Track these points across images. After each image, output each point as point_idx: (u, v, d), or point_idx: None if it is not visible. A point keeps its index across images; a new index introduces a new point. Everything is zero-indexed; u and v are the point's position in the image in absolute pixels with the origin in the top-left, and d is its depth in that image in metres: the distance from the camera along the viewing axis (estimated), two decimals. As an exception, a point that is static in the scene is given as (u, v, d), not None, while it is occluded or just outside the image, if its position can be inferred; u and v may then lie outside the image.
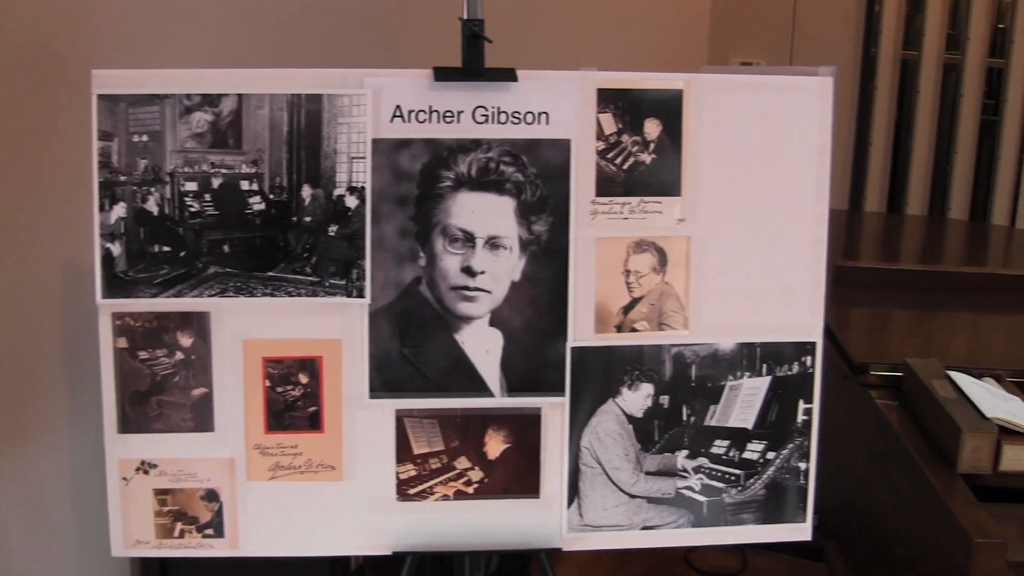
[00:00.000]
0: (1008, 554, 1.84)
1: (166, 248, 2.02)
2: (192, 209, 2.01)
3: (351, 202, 2.02)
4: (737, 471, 2.14)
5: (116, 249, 2.01)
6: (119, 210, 2.00)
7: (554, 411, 2.10)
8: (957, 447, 2.07)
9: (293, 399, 2.07)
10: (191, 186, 2.00)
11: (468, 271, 2.04)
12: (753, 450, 2.14)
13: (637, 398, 2.11)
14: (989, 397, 2.22)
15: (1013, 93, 4.85)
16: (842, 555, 2.60)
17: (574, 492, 2.13)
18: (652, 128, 2.05)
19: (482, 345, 2.07)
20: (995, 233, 4.49)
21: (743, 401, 2.13)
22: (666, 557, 3.96)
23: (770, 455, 2.14)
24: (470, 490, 2.12)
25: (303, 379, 2.07)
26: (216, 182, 2.01)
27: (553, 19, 4.04)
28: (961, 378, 2.30)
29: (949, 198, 5.05)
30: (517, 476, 2.12)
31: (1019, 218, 4.89)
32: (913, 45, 5.03)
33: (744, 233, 2.09)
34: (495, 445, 2.10)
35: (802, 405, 2.14)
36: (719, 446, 2.14)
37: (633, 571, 3.89)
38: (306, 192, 2.01)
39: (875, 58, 5.08)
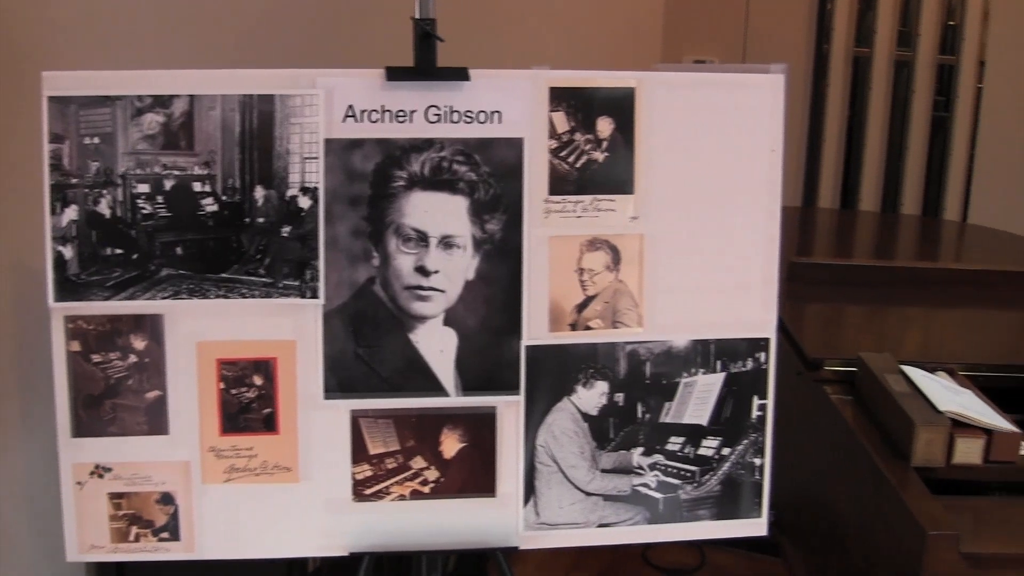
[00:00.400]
0: (961, 545, 1.86)
1: (118, 251, 2.01)
2: (144, 211, 2.00)
3: (304, 203, 2.01)
4: (692, 467, 2.15)
5: (68, 252, 1.99)
6: (71, 213, 1.99)
7: (509, 410, 2.10)
8: (911, 441, 2.09)
9: (248, 401, 2.07)
10: (143, 188, 1.99)
11: (422, 270, 2.04)
12: (708, 446, 2.15)
13: (592, 396, 2.11)
14: (942, 391, 2.24)
15: (964, 89, 4.90)
16: (798, 550, 2.62)
17: (530, 490, 2.13)
18: (605, 126, 2.05)
19: (436, 344, 2.07)
20: (947, 228, 4.53)
21: (698, 398, 2.14)
22: (624, 554, 3.97)
23: (725, 451, 2.15)
24: (426, 490, 2.11)
25: (257, 381, 2.06)
26: (168, 184, 2.00)
27: (506, 18, 4.04)
28: (914, 372, 2.32)
29: (901, 194, 5.10)
30: (473, 475, 2.12)
31: (971, 213, 4.93)
32: (865, 42, 5.08)
33: (697, 230, 2.10)
34: (451, 444, 2.10)
35: (756, 401, 2.15)
36: (674, 443, 2.14)
37: (591, 569, 3.90)
38: (259, 193, 2.01)
39: (827, 55, 5.12)
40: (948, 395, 2.22)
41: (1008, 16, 4.80)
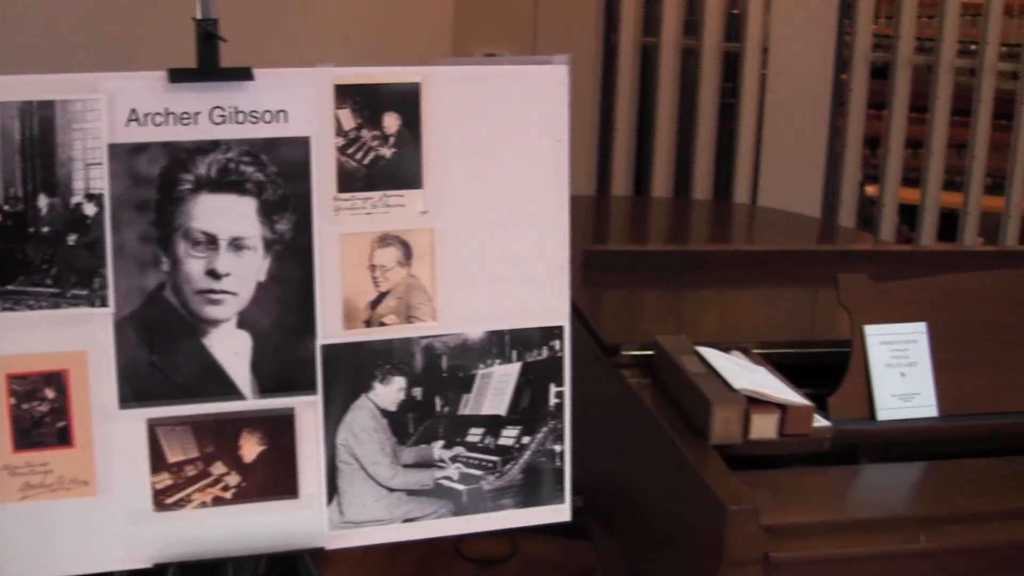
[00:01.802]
0: (761, 518, 1.90)
1: None
2: (-78, 225, 1.95)
3: (90, 210, 1.97)
4: (494, 458, 2.17)
5: None
6: None
7: (307, 410, 2.09)
8: (708, 419, 2.12)
9: (40, 415, 2.02)
10: (-80, 201, 1.94)
11: (212, 274, 2.02)
12: (508, 436, 2.17)
13: (390, 392, 2.11)
14: (737, 369, 2.28)
15: (749, 76, 5.03)
16: (607, 533, 2.65)
17: (333, 490, 2.12)
18: (391, 122, 2.06)
19: (231, 348, 2.04)
20: (737, 211, 4.63)
21: (495, 388, 2.15)
22: (436, 548, 3.96)
23: (525, 440, 2.17)
24: (228, 495, 2.09)
25: (50, 394, 2.02)
26: (-53, 196, 1.95)
27: (292, 15, 4.01)
28: (709, 353, 2.36)
29: (693, 179, 5.20)
30: (275, 478, 2.10)
31: (759, 195, 5.05)
32: (652, 31, 5.17)
33: (487, 223, 2.12)
34: (250, 448, 2.08)
35: (553, 389, 2.17)
36: (474, 434, 2.16)
37: (404, 565, 3.89)
38: (43, 202, 1.96)
39: (616, 45, 5.19)
40: (743, 373, 2.26)
41: (788, 3, 4.94)
